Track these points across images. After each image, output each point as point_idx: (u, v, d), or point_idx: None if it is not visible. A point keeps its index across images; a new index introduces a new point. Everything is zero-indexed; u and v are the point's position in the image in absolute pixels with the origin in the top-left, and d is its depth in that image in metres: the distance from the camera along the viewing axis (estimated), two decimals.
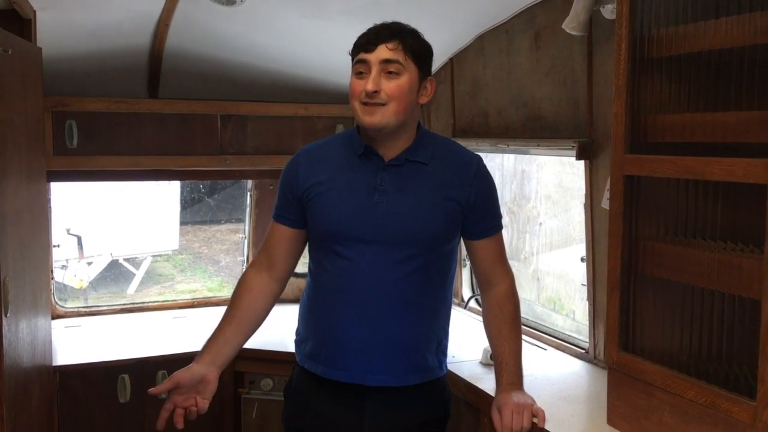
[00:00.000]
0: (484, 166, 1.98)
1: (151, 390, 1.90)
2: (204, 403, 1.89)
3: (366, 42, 1.82)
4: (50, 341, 2.52)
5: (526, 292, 3.31)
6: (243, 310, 1.98)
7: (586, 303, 2.55)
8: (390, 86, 1.80)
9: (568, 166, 2.97)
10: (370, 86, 1.79)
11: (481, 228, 1.96)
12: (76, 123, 2.90)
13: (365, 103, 1.81)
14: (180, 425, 1.87)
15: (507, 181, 3.37)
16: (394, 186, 1.87)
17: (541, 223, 3.30)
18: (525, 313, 2.55)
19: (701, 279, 1.63)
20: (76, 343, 2.92)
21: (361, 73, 1.83)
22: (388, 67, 1.80)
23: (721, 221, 1.62)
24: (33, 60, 2.22)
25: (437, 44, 1.90)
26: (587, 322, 2.55)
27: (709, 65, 1.65)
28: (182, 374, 1.88)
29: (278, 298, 2.04)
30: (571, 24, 2.29)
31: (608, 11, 2.16)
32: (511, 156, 3.25)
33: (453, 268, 1.99)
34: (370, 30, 1.85)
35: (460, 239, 2.00)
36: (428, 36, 1.89)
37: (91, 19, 2.62)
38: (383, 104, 1.80)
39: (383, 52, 1.80)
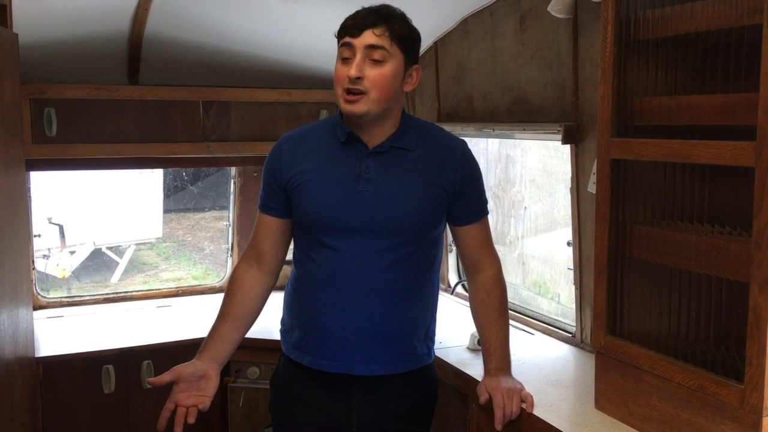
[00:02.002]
0: (470, 151, 1.96)
1: (151, 380, 1.88)
2: (206, 401, 1.85)
3: (352, 26, 1.78)
4: (32, 332, 2.48)
5: (511, 276, 3.32)
6: (237, 306, 1.95)
7: (572, 286, 2.55)
8: (373, 74, 1.77)
9: (552, 150, 2.96)
10: (353, 71, 1.75)
11: (467, 213, 1.95)
12: (55, 111, 2.85)
13: (347, 91, 1.78)
14: (179, 428, 1.82)
15: (492, 166, 3.37)
16: (380, 173, 1.85)
17: (525, 208, 3.29)
18: (511, 297, 2.54)
19: (689, 262, 1.63)
20: (59, 333, 2.89)
21: (346, 58, 1.79)
22: (372, 54, 1.77)
23: (708, 204, 1.62)
24: (9, 46, 2.17)
25: (421, 28, 1.87)
26: (573, 306, 2.55)
27: (695, 47, 1.64)
28: (184, 368, 1.85)
29: (272, 290, 2.02)
30: (557, 6, 2.27)
31: None
32: (496, 140, 3.24)
33: (439, 254, 1.98)
34: (357, 13, 1.81)
35: (445, 225, 1.98)
36: (411, 19, 1.85)
37: (69, 5, 2.57)
38: (364, 93, 1.77)
39: (369, 37, 1.76)
